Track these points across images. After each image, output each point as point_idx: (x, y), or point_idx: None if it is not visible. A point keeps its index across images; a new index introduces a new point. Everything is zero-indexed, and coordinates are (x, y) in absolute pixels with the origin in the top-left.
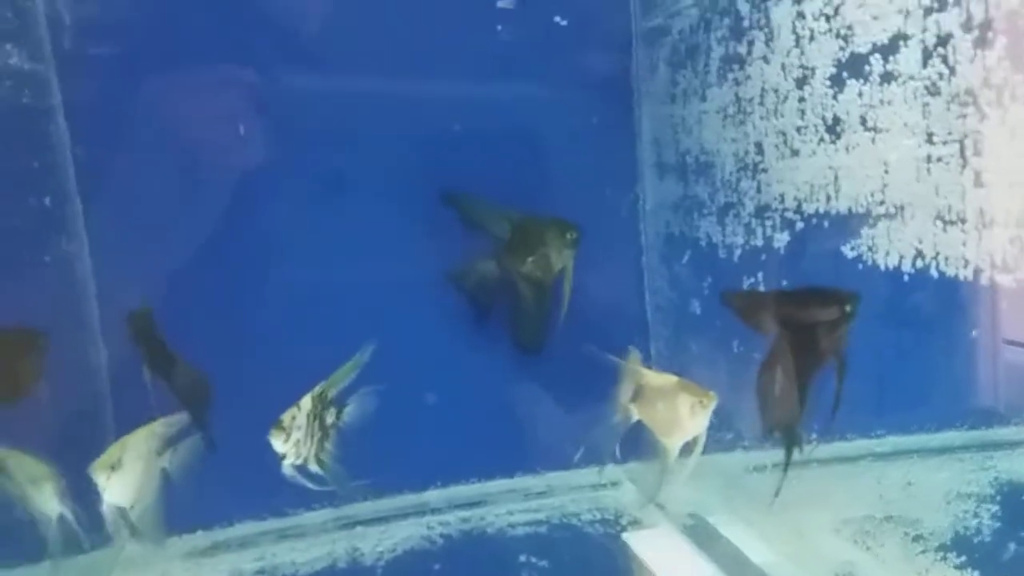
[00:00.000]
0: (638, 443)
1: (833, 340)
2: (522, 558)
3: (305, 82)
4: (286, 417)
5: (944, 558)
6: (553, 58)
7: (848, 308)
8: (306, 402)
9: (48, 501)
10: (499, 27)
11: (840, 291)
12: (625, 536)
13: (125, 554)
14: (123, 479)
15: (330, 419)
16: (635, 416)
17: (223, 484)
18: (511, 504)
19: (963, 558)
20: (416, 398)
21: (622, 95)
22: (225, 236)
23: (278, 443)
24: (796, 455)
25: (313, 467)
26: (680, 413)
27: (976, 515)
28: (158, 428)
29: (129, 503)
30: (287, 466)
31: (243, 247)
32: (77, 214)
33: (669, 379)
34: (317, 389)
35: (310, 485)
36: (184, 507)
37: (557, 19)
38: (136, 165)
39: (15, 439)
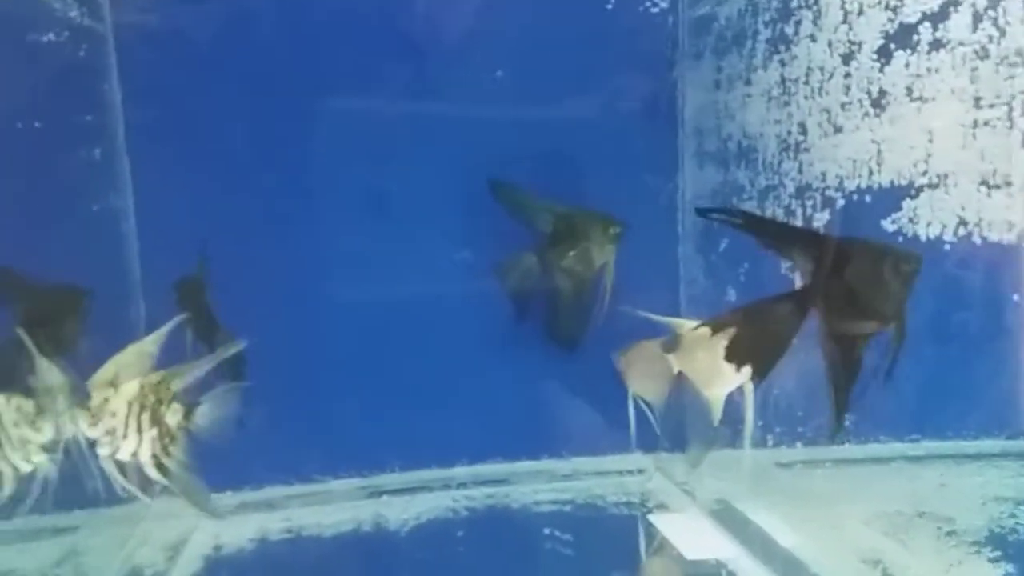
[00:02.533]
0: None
1: (888, 302)
2: (546, 531)
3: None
4: (97, 397)
5: (978, 552)
6: (597, 47)
7: (907, 267)
8: (130, 387)
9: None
10: (543, 12)
11: (901, 248)
12: (651, 517)
13: (154, 508)
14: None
15: (173, 418)
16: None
17: (252, 448)
18: (536, 484)
19: (998, 553)
20: (448, 379)
21: (665, 84)
22: (275, 203)
23: (83, 424)
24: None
25: (151, 472)
26: (721, 360)
27: (1013, 516)
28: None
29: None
30: (104, 458)
31: (293, 213)
32: (125, 171)
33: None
34: (154, 376)
35: (135, 492)
36: (214, 467)
37: (606, 7)
38: (184, 132)
39: None
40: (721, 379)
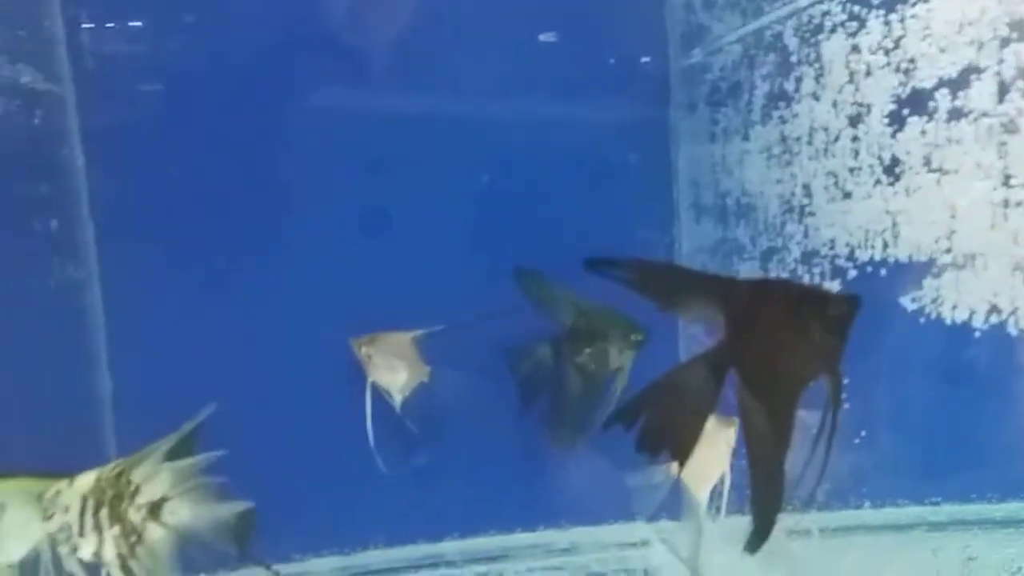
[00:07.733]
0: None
1: (823, 350)
2: None
3: (335, 107)
4: (50, 491)
5: None
6: (588, 96)
7: (836, 311)
8: (84, 481)
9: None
10: (536, 63)
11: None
12: None
13: None
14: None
15: (137, 516)
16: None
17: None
18: (532, 560)
19: None
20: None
21: (658, 134)
22: (246, 270)
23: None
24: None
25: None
26: (702, 455)
27: None
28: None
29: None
30: (65, 557)
31: (265, 281)
32: (88, 241)
33: None
34: (112, 467)
35: None
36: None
37: (593, 56)
38: (156, 193)
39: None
40: (704, 477)
